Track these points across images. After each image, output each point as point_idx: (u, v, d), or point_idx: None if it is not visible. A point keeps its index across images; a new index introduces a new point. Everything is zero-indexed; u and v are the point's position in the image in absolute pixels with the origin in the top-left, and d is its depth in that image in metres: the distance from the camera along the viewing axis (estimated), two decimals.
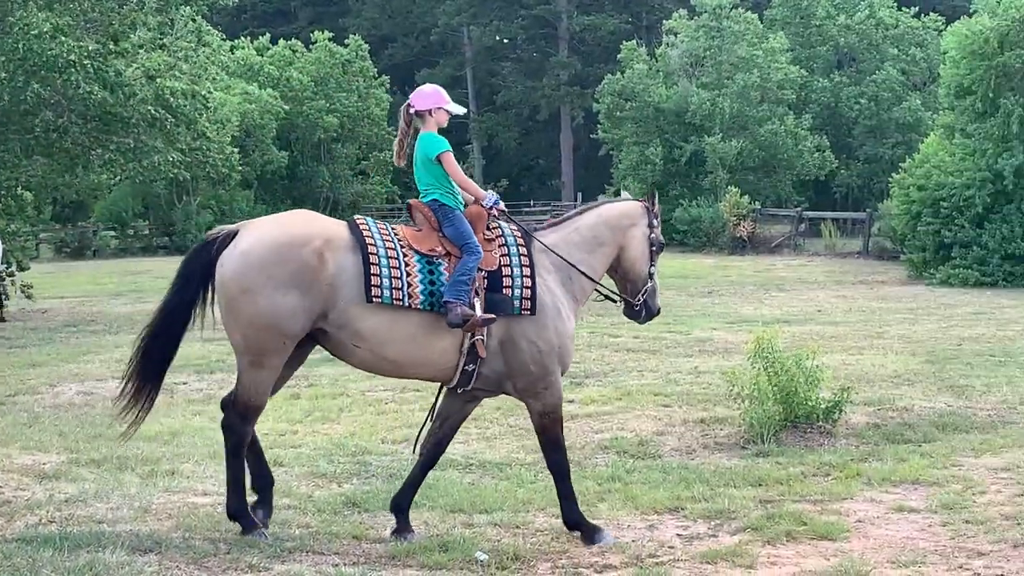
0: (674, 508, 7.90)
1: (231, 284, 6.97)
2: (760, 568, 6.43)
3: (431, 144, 7.44)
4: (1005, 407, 12.34)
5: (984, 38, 30.82)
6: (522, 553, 6.75)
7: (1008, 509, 7.55)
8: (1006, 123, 30.55)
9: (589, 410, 11.77)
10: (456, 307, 7.01)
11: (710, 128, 46.30)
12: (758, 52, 47.84)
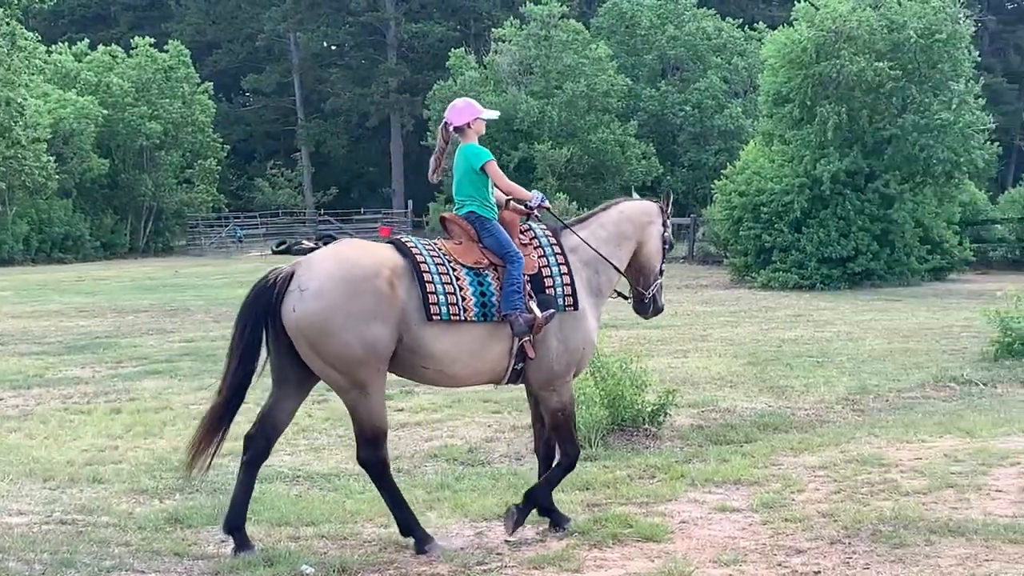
0: (503, 515, 7.89)
1: (309, 329, 6.94)
2: (587, 572, 6.47)
3: (475, 155, 7.63)
4: (823, 406, 12.72)
5: (801, 47, 31.77)
6: (349, 565, 6.67)
7: (825, 506, 7.75)
8: (822, 130, 31.54)
9: (419, 418, 11.72)
10: (518, 317, 7.32)
11: (539, 135, 46.71)
12: (585, 61, 48.48)
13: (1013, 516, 7.29)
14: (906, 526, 7.10)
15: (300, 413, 12.16)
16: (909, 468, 8.87)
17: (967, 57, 33.29)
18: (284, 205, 64.61)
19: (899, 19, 31.87)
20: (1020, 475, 8.52)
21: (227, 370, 7.26)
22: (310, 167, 70.48)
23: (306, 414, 12.19)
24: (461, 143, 7.78)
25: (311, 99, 73.33)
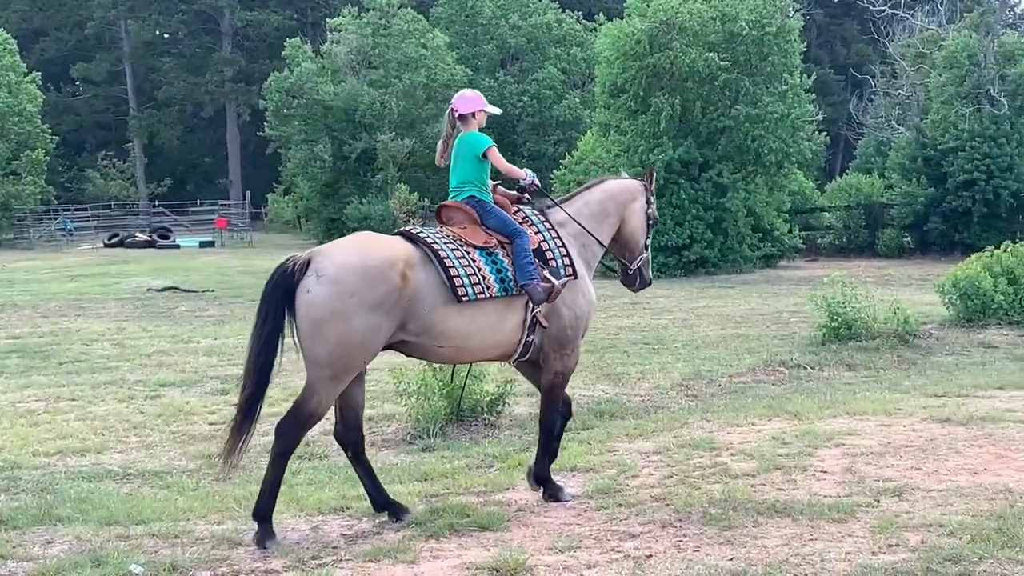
0: (340, 508, 7.84)
1: (321, 307, 7.14)
2: (423, 563, 6.46)
3: (478, 142, 8.02)
4: (658, 392, 12.95)
5: (635, 39, 32.25)
6: (180, 563, 6.52)
7: (658, 491, 7.87)
8: (656, 120, 32.08)
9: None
10: (535, 285, 7.73)
11: (379, 126, 46.45)
12: (425, 51, 48.35)
13: (837, 496, 7.51)
14: (735, 508, 7.25)
15: (131, 409, 11.99)
16: (739, 451, 9.07)
17: (796, 50, 34.20)
18: (116, 197, 62.97)
19: (731, 11, 32.59)
20: (844, 456, 8.78)
21: (249, 358, 7.41)
22: (143, 158, 68.90)
23: (138, 410, 11.94)
24: (463, 131, 8.12)
25: (143, 88, 71.70)
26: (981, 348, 16.03)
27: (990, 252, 18.59)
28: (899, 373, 13.99)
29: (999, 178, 35.98)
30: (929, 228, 37.49)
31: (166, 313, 21.55)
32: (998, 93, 36.67)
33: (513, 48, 54.70)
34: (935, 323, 17.98)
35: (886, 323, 16.17)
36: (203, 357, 15.15)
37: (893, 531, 6.60)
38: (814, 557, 6.18)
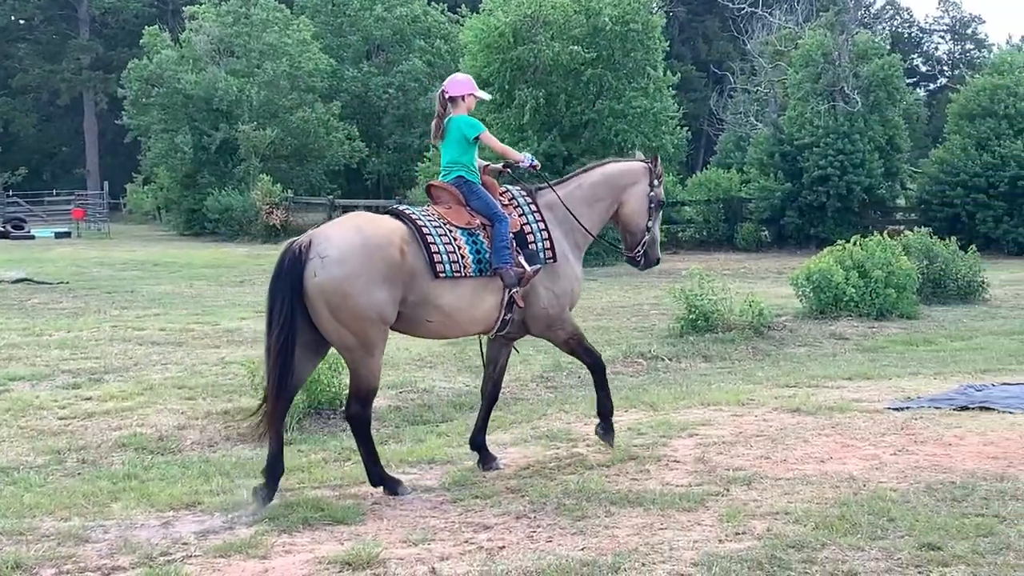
0: (192, 503, 7.71)
1: (332, 293, 7.58)
2: (274, 557, 6.39)
3: (470, 125, 8.43)
4: (518, 384, 13.02)
5: (499, 32, 32.31)
6: (24, 561, 6.36)
7: (514, 483, 7.92)
8: (521, 114, 32.21)
9: (108, 407, 11.26)
10: (509, 269, 8.19)
11: (240, 115, 45.78)
12: (287, 40, 47.77)
13: (688, 485, 7.64)
14: (589, 498, 7.33)
15: None
16: (595, 442, 9.15)
17: (659, 46, 34.63)
18: None
19: (595, 6, 32.83)
20: (697, 445, 8.94)
21: (271, 347, 7.69)
22: None
23: None
24: (452, 113, 8.49)
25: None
26: (832, 339, 16.44)
27: (842, 246, 19.09)
28: (753, 364, 14.28)
29: (852, 174, 36.89)
30: (786, 222, 38.29)
31: (18, 305, 20.94)
32: (852, 91, 37.61)
33: (379, 39, 54.39)
34: (789, 315, 18.40)
35: (742, 315, 16.49)
36: (55, 350, 14.75)
37: (741, 519, 6.74)
38: (663, 546, 6.28)
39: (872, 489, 7.35)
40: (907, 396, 10.97)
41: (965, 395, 10.76)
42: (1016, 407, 10.05)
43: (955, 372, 12.73)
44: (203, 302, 21.71)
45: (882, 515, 6.69)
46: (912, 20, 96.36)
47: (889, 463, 8.14)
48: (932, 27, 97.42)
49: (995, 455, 8.28)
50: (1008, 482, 7.43)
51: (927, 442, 8.79)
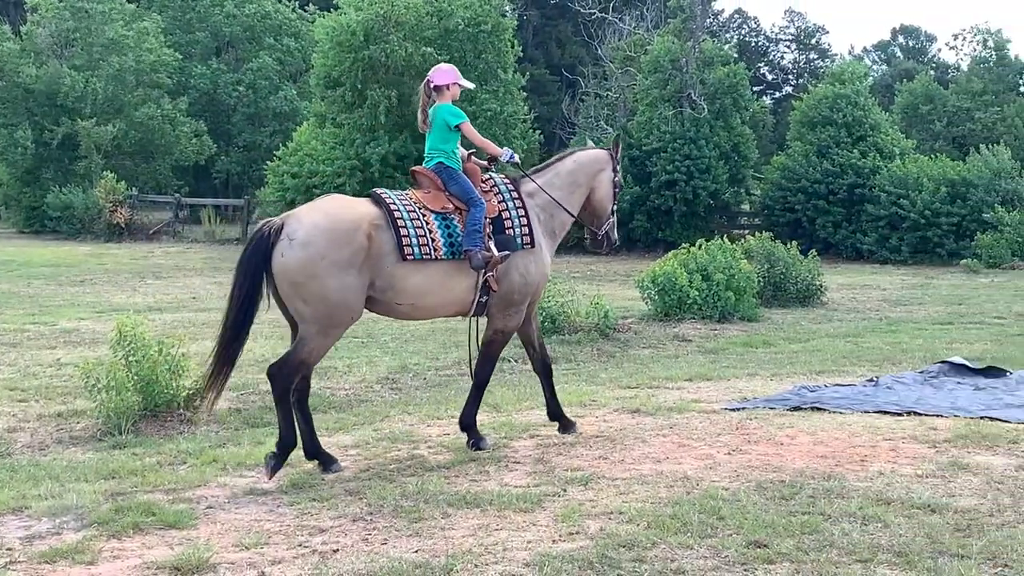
0: (18, 508, 7.46)
1: (297, 272, 7.95)
2: (102, 563, 6.23)
3: (452, 114, 8.82)
4: (363, 386, 12.96)
5: (351, 31, 32.11)
6: None
7: (353, 485, 7.86)
8: (373, 114, 32.07)
9: None
10: (477, 253, 8.49)
11: (82, 111, 44.58)
12: (130, 34, 46.61)
13: (527, 486, 7.68)
14: (427, 500, 7.31)
15: None
16: (437, 443, 9.16)
17: (511, 49, 34.81)
18: None
19: (447, 8, 32.86)
20: (537, 446, 9.00)
21: (227, 316, 8.23)
22: None
23: None
24: (437, 102, 8.89)
25: None
26: (676, 341, 16.73)
27: (686, 250, 19.44)
28: (598, 365, 14.44)
29: (698, 179, 37.57)
30: (634, 226, 38.80)
31: None
32: (698, 97, 38.32)
33: (228, 36, 53.49)
34: (635, 317, 18.65)
35: (588, 317, 16.67)
36: None
37: (576, 519, 6.79)
38: (497, 547, 6.29)
39: (705, 488, 7.48)
40: (744, 397, 11.21)
41: (799, 396, 11.03)
42: (846, 407, 10.34)
43: (791, 373, 13.05)
44: (41, 302, 21.15)
45: (713, 513, 6.81)
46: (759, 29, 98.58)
47: (723, 463, 8.29)
48: (778, 36, 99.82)
49: (824, 454, 8.50)
50: (834, 481, 7.63)
51: (760, 442, 8.99)
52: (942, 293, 24.74)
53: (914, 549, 6.14)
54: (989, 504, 7.06)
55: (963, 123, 46.33)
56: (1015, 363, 13.35)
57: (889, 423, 9.67)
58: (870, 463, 8.20)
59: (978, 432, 9.14)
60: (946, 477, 7.77)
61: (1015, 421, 9.66)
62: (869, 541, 6.28)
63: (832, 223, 36.77)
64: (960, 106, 46.88)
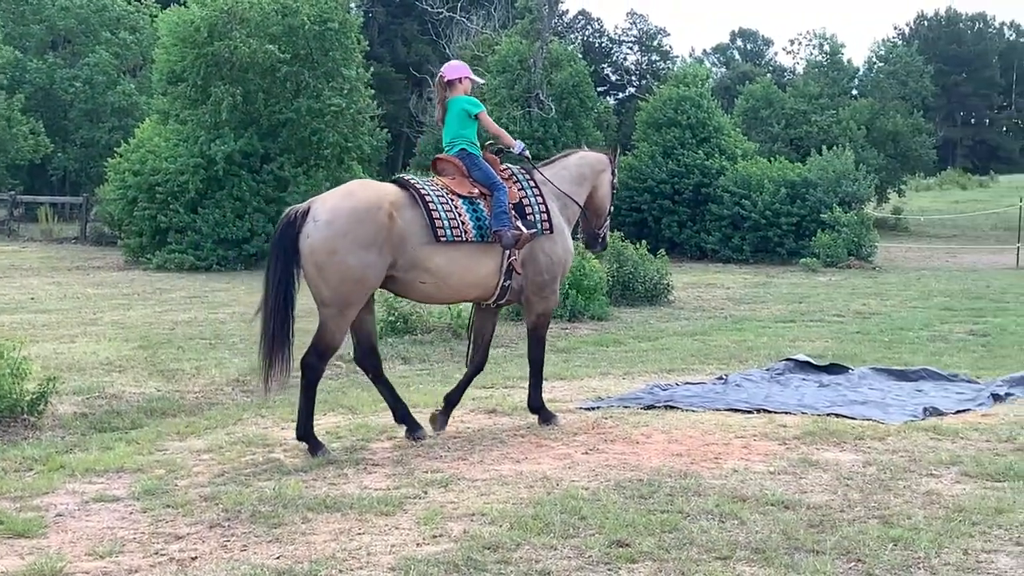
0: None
1: (320, 250, 8.43)
2: None
3: (471, 104, 9.47)
4: (213, 388, 12.71)
5: (195, 27, 31.48)
6: None
7: (208, 490, 7.70)
8: (217, 111, 31.45)
9: None
10: (506, 232, 9.04)
11: None
12: None
13: (387, 488, 7.63)
14: (285, 505, 7.21)
15: None
16: (293, 447, 9.04)
17: (357, 46, 34.55)
18: None
19: (292, 5, 32.44)
20: (396, 448, 8.95)
21: (265, 301, 8.72)
22: None
23: None
24: (450, 95, 9.50)
25: None
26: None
27: None
28: (451, 366, 14.40)
29: None
30: None
31: None
32: (546, 97, 38.64)
33: (63, 30, 51.96)
34: None
35: (441, 317, 16.64)
36: None
37: (438, 521, 6.77)
38: (360, 551, 6.24)
39: (565, 488, 7.53)
40: (598, 396, 11.33)
41: (652, 394, 11.19)
42: (698, 405, 10.53)
43: (643, 372, 13.24)
44: None
45: (574, 513, 6.86)
46: (603, 31, 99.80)
47: (581, 462, 8.36)
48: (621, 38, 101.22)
49: (679, 452, 8.64)
50: (691, 479, 7.76)
51: (616, 440, 9.09)
52: (783, 292, 25.35)
53: (771, 546, 6.28)
54: (840, 500, 7.26)
55: (800, 126, 47.57)
56: (855, 360, 13.77)
57: (740, 420, 9.88)
58: (724, 460, 8.37)
59: (825, 429, 9.40)
60: (797, 474, 7.97)
61: (860, 417, 9.97)
62: (728, 538, 6.40)
63: (677, 223, 37.37)
64: (797, 109, 48.12)
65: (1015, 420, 9.85)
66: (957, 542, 6.35)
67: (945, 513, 6.92)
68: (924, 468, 8.15)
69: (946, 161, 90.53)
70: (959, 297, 23.12)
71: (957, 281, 27.48)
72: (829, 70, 51.32)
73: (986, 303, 21.92)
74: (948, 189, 70.57)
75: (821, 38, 53.16)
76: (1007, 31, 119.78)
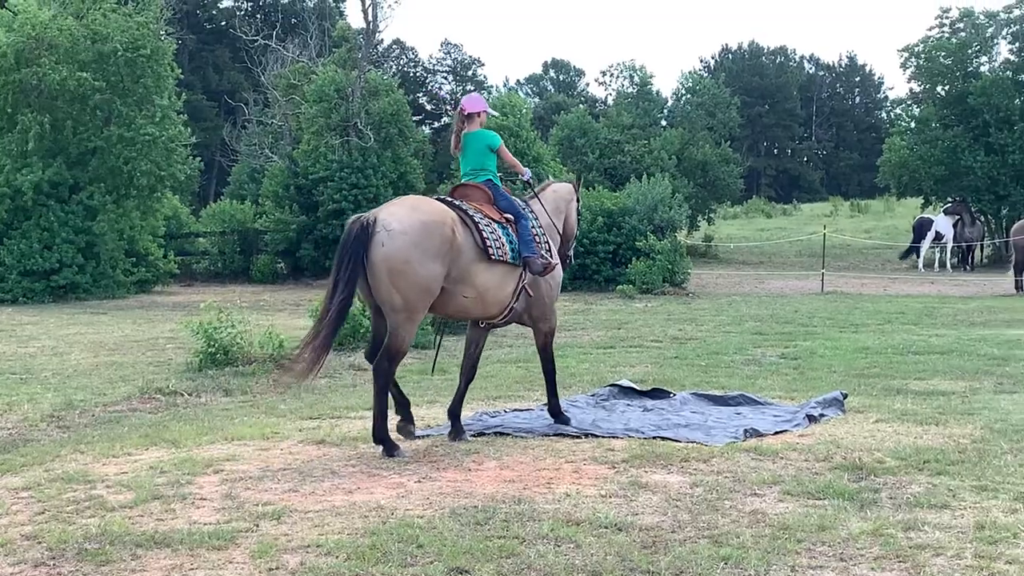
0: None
1: (395, 258, 9.04)
2: None
3: (492, 138, 10.30)
4: (26, 425, 12.29)
5: (1, 53, 30.52)
6: None
7: (29, 529, 7.42)
8: (24, 139, 30.56)
9: None
10: (537, 259, 10.04)
11: None
12: None
13: (217, 523, 7.47)
14: (112, 542, 6.99)
15: None
16: (116, 483, 8.78)
17: (171, 73, 33.96)
18: None
19: (103, 31, 31.71)
20: (223, 482, 8.77)
21: (330, 296, 9.25)
22: None
23: None
24: (468, 128, 10.28)
25: None
26: (352, 370, 16.69)
27: None
28: (276, 397, 14.23)
29: (366, 208, 37.66)
30: (302, 254, 38.61)
31: None
32: (364, 126, 38.54)
33: None
34: None
35: (262, 348, 16.42)
36: None
37: (273, 554, 6.66)
38: None
39: (400, 517, 7.50)
40: (427, 424, 11.31)
41: (481, 421, 11.24)
42: (528, 431, 10.62)
43: (469, 399, 13.20)
44: None
45: (411, 542, 6.83)
46: (417, 60, 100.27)
47: (414, 490, 8.34)
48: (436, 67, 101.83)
49: (512, 478, 8.69)
50: (525, 504, 7.81)
51: (449, 468, 9.10)
52: (602, 318, 25.76)
53: (606, 568, 6.36)
54: (670, 521, 7.41)
55: (615, 155, 48.50)
56: (675, 384, 14.07)
57: (570, 445, 10.00)
58: (556, 485, 8.45)
59: (652, 452, 9.58)
60: (628, 496, 8.09)
61: (685, 440, 10.18)
62: (564, 562, 6.46)
63: None
64: (611, 139, 49.06)
65: (830, 439, 10.20)
66: (784, 559, 6.54)
67: (771, 531, 7.12)
68: (748, 488, 8.37)
69: (751, 190, 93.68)
70: (769, 322, 23.83)
71: (767, 306, 28.35)
72: (639, 100, 52.50)
73: (795, 327, 22.66)
74: (754, 217, 72.81)
75: (631, 69, 54.39)
76: (807, 64, 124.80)
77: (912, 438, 10.27)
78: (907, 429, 10.78)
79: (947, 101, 51.03)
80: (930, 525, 7.24)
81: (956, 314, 25.78)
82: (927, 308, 27.48)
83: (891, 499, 7.98)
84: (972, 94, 48.65)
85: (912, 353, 17.56)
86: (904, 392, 13.34)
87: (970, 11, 51.84)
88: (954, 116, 50.46)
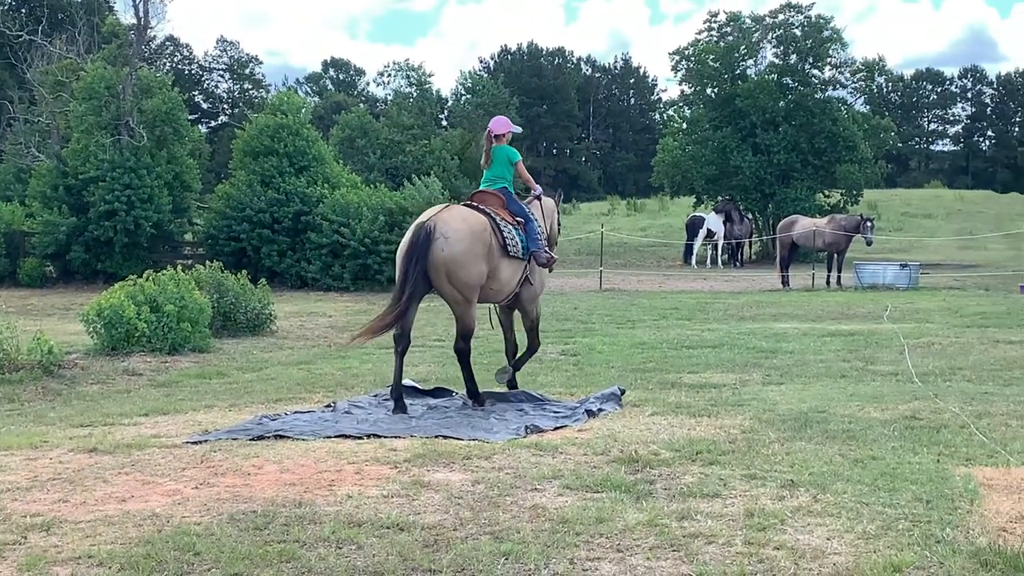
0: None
1: (453, 261, 11.19)
2: None
3: (513, 154, 12.38)
4: None
5: None
6: None
7: None
8: None
9: None
10: (542, 254, 12.22)
11: None
12: None
13: None
14: None
15: None
16: None
17: None
18: None
19: None
20: None
21: (400, 290, 11.28)
22: None
23: None
24: (496, 144, 12.28)
25: None
26: (126, 376, 16.22)
27: (133, 281, 18.92)
28: (45, 405, 13.71)
29: (140, 208, 36.70)
30: (72, 257, 37.24)
31: None
32: (137, 125, 37.44)
33: None
34: (81, 352, 17.89)
35: (30, 354, 15.78)
36: None
37: (42, 567, 6.42)
38: None
39: (176, 525, 7.32)
40: (205, 429, 11.06)
41: (261, 425, 11.05)
42: (309, 433, 10.50)
43: (249, 403, 13.06)
44: None
45: (188, 550, 6.67)
46: (192, 57, 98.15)
47: (191, 497, 8.15)
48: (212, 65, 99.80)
49: (292, 482, 8.58)
50: (306, 507, 7.72)
51: (227, 473, 8.92)
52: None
53: (388, 568, 6.35)
54: (452, 519, 7.44)
55: (396, 155, 48.47)
56: (458, 383, 14.13)
57: (352, 446, 9.94)
58: (338, 487, 8.39)
59: (435, 450, 9.61)
60: (410, 496, 8.09)
61: (467, 438, 10.25)
62: (345, 564, 6.42)
63: (277, 252, 37.05)
64: (392, 139, 49.00)
65: (608, 433, 10.42)
66: (563, 552, 6.65)
67: (551, 525, 7.23)
68: (529, 483, 8.48)
69: None
70: (549, 319, 24.12)
71: (546, 304, 28.57)
72: (418, 101, 52.58)
73: (574, 324, 23.09)
74: None
75: (408, 69, 54.43)
76: (584, 66, 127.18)
77: (686, 430, 10.61)
78: (681, 421, 11.12)
79: (716, 103, 52.83)
80: (702, 514, 7.48)
81: (727, 309, 26.72)
82: (700, 304, 28.38)
83: (666, 490, 8.21)
84: (739, 96, 50.49)
85: (685, 347, 18.09)
86: (678, 385, 13.77)
87: (737, 15, 53.76)
88: (723, 117, 52.28)
